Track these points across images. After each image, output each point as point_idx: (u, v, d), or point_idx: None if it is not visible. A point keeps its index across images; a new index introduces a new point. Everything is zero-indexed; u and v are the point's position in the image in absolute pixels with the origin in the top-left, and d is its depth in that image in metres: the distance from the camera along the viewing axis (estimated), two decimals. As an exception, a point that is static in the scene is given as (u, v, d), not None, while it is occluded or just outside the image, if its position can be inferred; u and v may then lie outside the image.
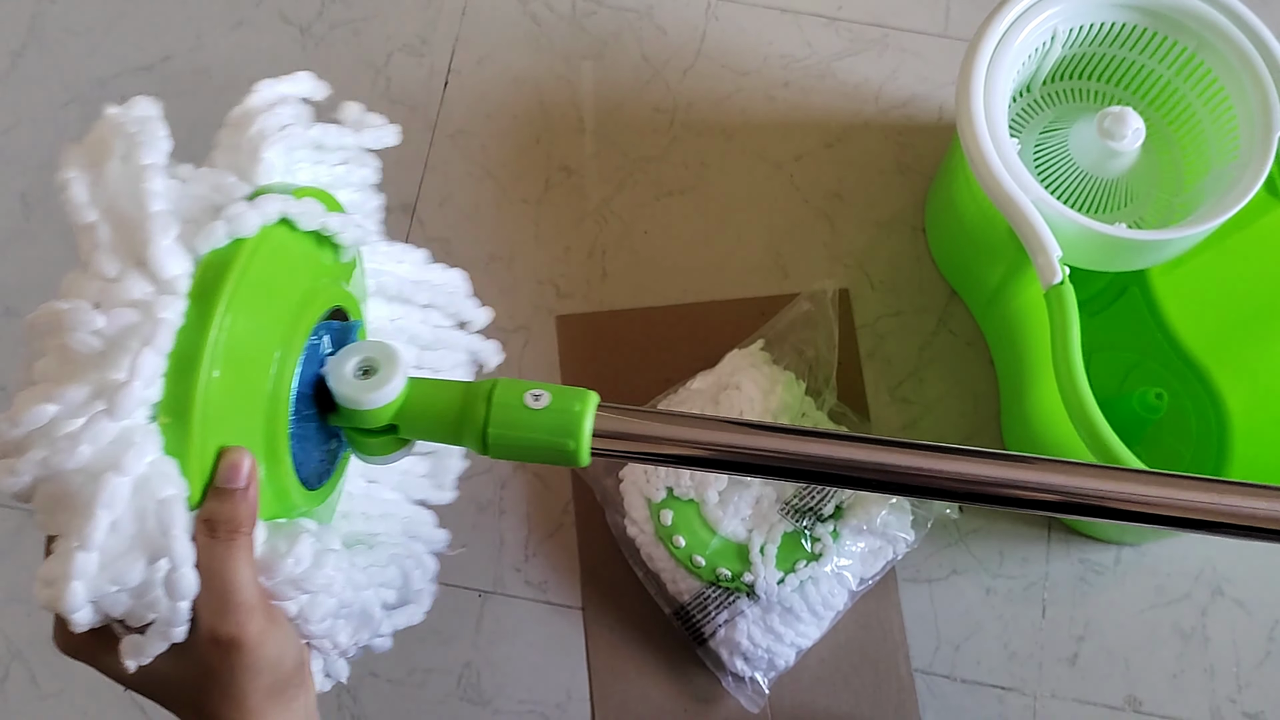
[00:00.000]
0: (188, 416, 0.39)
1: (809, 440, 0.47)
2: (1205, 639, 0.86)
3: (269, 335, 0.43)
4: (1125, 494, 0.43)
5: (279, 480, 0.44)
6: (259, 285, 0.42)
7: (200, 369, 0.39)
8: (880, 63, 1.00)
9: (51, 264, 0.92)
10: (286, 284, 0.44)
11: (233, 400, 0.41)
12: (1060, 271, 0.71)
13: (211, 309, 0.39)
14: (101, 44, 1.00)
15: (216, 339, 0.40)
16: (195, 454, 0.40)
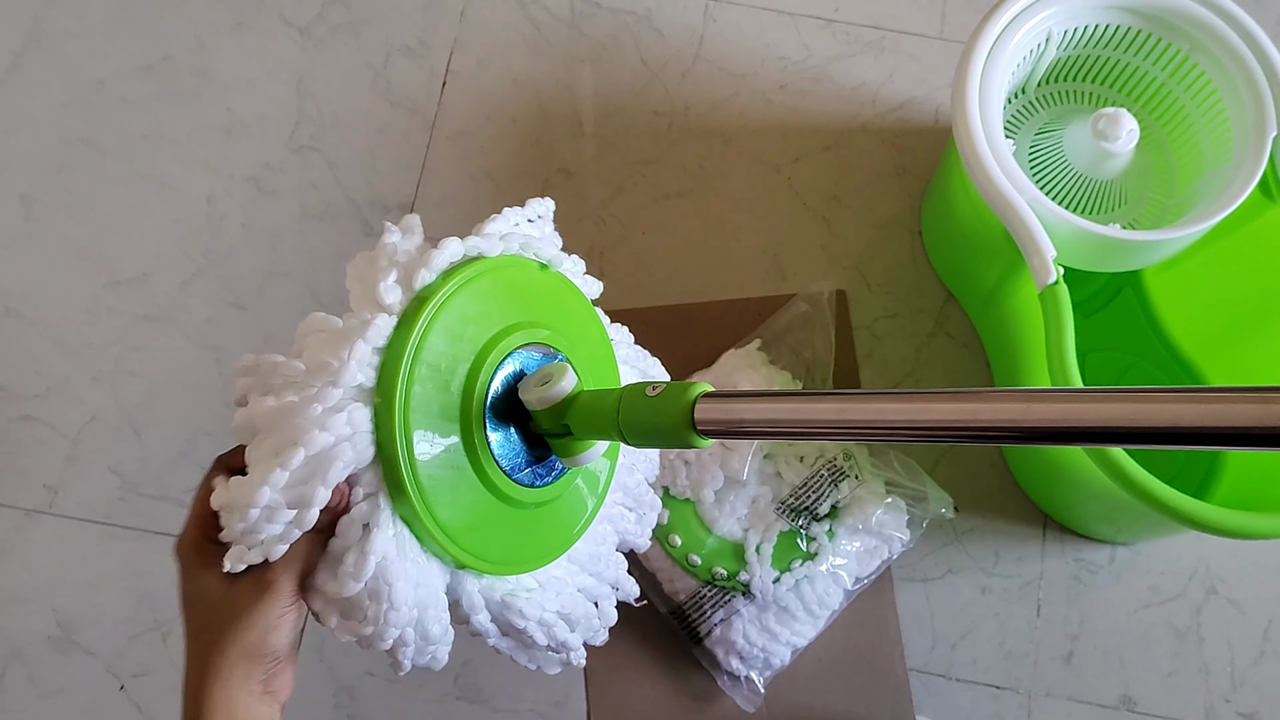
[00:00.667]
0: (390, 399, 0.50)
1: (886, 401, 0.45)
2: (1200, 638, 0.86)
3: (460, 351, 0.53)
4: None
5: (480, 466, 0.53)
6: (457, 314, 0.53)
7: (401, 365, 0.50)
8: (877, 65, 1.00)
9: (50, 264, 0.93)
10: (485, 317, 0.54)
11: (429, 396, 0.51)
12: (1055, 272, 0.71)
13: (413, 324, 0.51)
14: (102, 45, 1.00)
15: (415, 343, 0.51)
16: (393, 430, 0.50)
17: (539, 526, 0.57)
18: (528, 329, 0.55)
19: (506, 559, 0.54)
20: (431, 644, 0.52)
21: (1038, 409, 0.40)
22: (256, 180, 0.97)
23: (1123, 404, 0.38)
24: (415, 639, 0.51)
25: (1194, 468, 0.87)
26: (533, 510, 0.56)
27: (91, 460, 0.89)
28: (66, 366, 0.91)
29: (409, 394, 0.50)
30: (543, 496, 0.56)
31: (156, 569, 0.87)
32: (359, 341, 0.49)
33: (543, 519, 0.57)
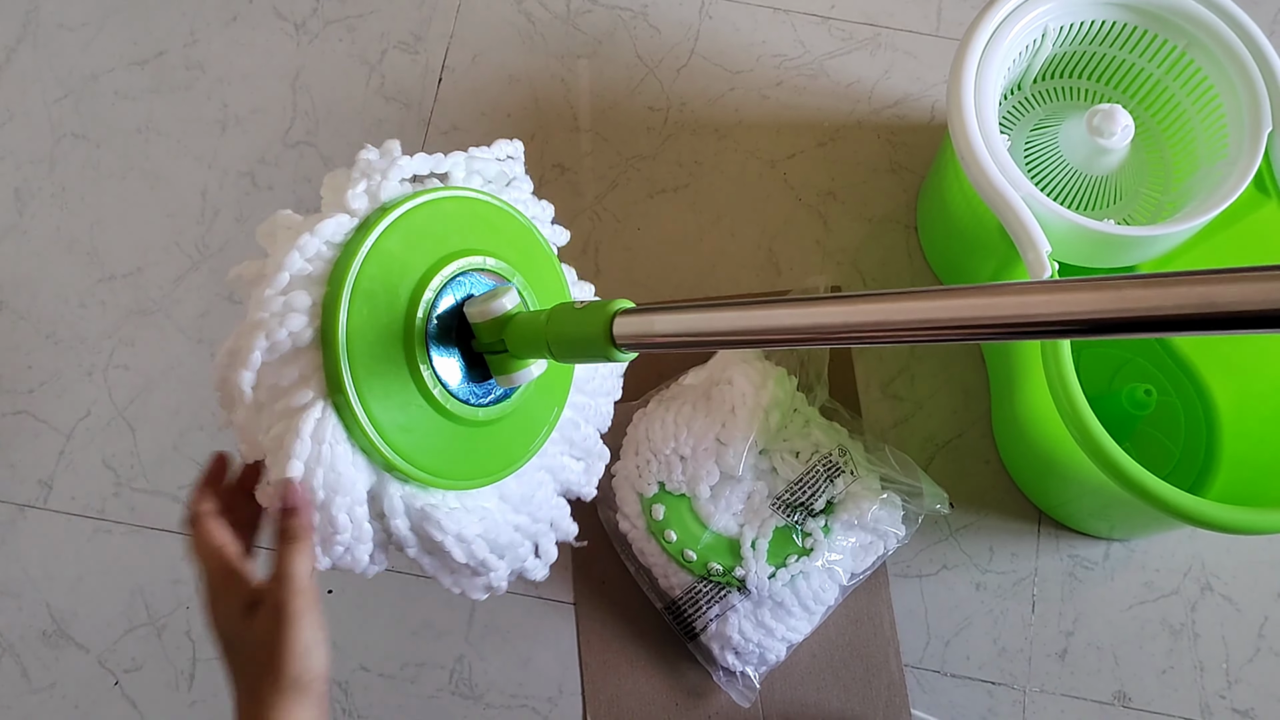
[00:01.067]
0: (338, 289, 0.52)
1: (796, 307, 0.45)
2: (1194, 635, 0.87)
3: (413, 260, 0.55)
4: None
5: (417, 372, 0.54)
6: (416, 227, 0.55)
7: (352, 262, 0.53)
8: (873, 62, 1.00)
9: (44, 258, 0.93)
10: (443, 237, 0.57)
11: (376, 296, 0.53)
12: (1050, 267, 0.71)
13: (371, 227, 0.54)
14: (95, 39, 1.00)
15: (370, 244, 0.54)
16: (335, 316, 0.52)
17: (472, 449, 0.58)
18: (482, 254, 0.58)
19: (434, 470, 0.56)
20: (340, 533, 0.53)
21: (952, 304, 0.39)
22: (251, 174, 0.96)
23: (1080, 293, 0.36)
24: (324, 525, 0.53)
25: (1189, 464, 0.87)
26: (468, 429, 0.57)
27: (85, 455, 0.89)
28: (60, 361, 0.91)
29: (355, 289, 0.53)
30: (478, 416, 0.57)
31: (150, 564, 0.87)
32: (306, 234, 0.53)
33: (477, 442, 0.58)
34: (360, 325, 0.53)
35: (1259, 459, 0.82)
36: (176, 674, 0.84)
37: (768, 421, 0.83)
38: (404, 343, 0.54)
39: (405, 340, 0.54)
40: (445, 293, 0.56)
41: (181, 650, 0.85)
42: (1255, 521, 0.67)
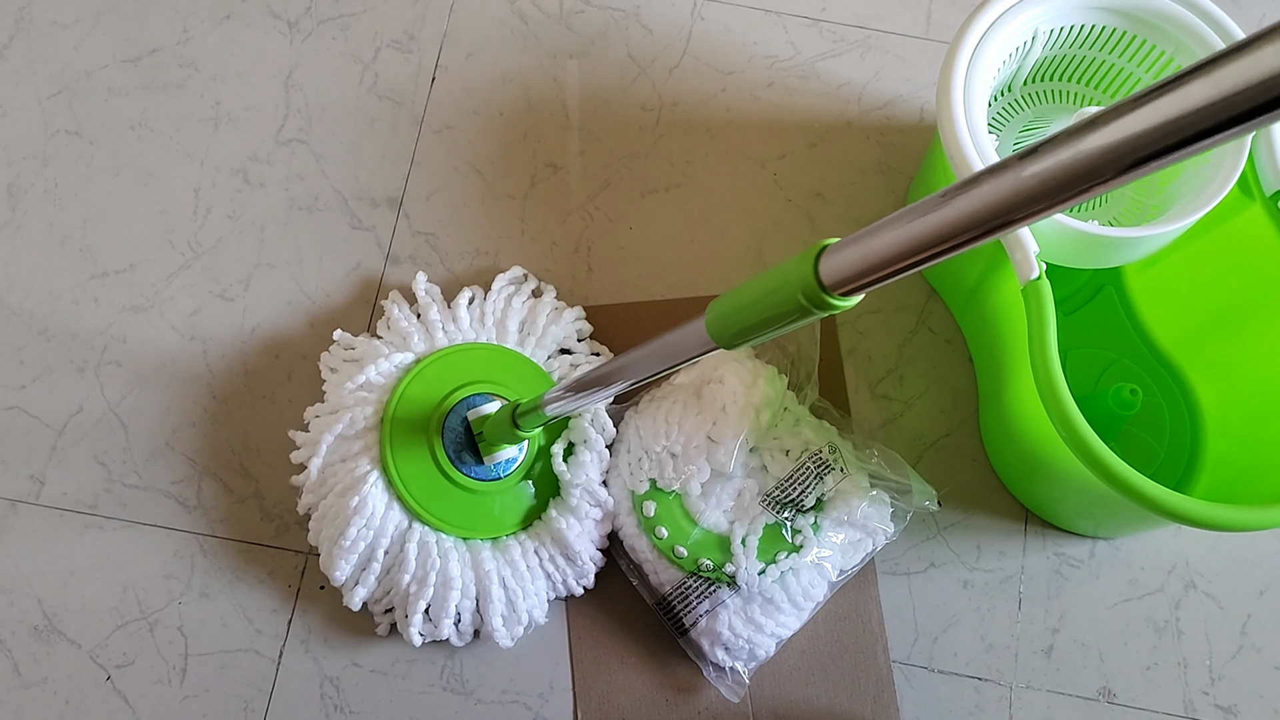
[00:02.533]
0: (386, 416, 0.83)
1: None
2: (1178, 632, 0.88)
3: (429, 397, 0.84)
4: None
5: (441, 467, 0.83)
6: (432, 374, 0.85)
7: (391, 401, 0.84)
8: (863, 64, 1.01)
9: (36, 255, 0.93)
10: (453, 378, 0.86)
11: (408, 421, 0.83)
12: (1037, 267, 0.72)
13: (400, 383, 0.85)
14: (89, 36, 1.00)
15: (401, 390, 0.84)
16: (386, 436, 0.83)
17: (471, 511, 0.83)
18: (484, 382, 0.86)
19: (441, 517, 0.82)
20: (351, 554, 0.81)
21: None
22: (244, 172, 0.97)
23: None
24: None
25: (1174, 463, 0.88)
26: (468, 494, 0.83)
27: (77, 451, 0.89)
28: (52, 357, 0.91)
29: (398, 405, 0.84)
30: (475, 486, 0.83)
31: (141, 560, 0.87)
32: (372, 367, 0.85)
33: (477, 507, 0.83)
34: (399, 425, 0.83)
35: (1242, 459, 0.83)
36: (168, 669, 0.85)
37: (758, 420, 0.83)
38: (426, 436, 0.83)
39: (427, 435, 0.83)
40: (457, 404, 0.84)
41: (173, 645, 0.85)
42: (1238, 519, 0.68)
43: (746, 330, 0.54)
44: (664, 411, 0.85)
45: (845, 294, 0.48)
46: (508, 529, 0.84)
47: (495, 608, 0.81)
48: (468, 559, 0.82)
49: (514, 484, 0.84)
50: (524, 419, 0.77)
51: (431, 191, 0.97)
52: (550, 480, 0.85)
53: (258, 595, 0.87)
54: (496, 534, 0.84)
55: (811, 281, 0.48)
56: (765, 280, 0.52)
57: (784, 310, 0.50)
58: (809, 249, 0.49)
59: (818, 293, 0.48)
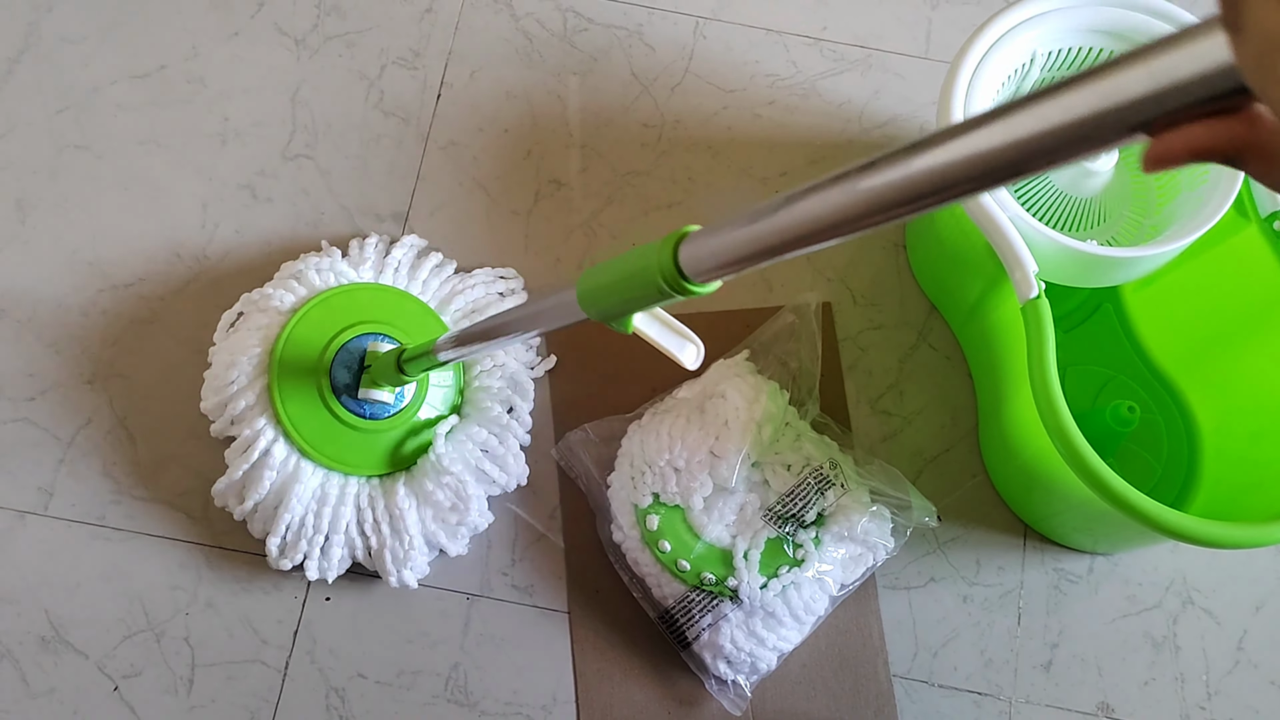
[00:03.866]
0: (275, 350, 0.86)
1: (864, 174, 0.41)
2: (1176, 647, 0.88)
3: (318, 334, 0.87)
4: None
5: (328, 405, 0.85)
6: (322, 314, 0.88)
7: (281, 336, 0.87)
8: (863, 83, 1.02)
9: (45, 268, 0.94)
10: (340, 316, 0.88)
11: (299, 354, 0.86)
12: (1036, 286, 0.73)
13: (290, 319, 0.87)
14: (97, 52, 1.01)
15: (290, 328, 0.87)
16: (275, 370, 0.86)
17: (365, 447, 0.86)
18: (375, 324, 0.88)
19: (332, 457, 0.85)
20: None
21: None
22: (251, 187, 0.98)
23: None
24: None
25: (1171, 480, 0.89)
26: (360, 433, 0.86)
27: (85, 463, 0.90)
28: (61, 369, 0.92)
29: (287, 342, 0.86)
30: (364, 425, 0.86)
31: (149, 570, 0.88)
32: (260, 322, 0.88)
33: (371, 444, 0.86)
34: (289, 363, 0.86)
35: (1239, 476, 0.84)
36: (175, 680, 0.85)
37: (760, 435, 0.84)
38: (315, 371, 0.86)
39: (317, 370, 0.86)
40: (352, 343, 0.86)
41: (180, 656, 0.86)
42: (1235, 536, 0.69)
43: (610, 308, 0.57)
44: (667, 426, 0.86)
45: (705, 281, 0.51)
46: (376, 470, 0.86)
47: (378, 542, 0.84)
48: (346, 493, 0.85)
49: (399, 427, 0.87)
50: (410, 364, 0.79)
51: (436, 207, 0.98)
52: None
53: (264, 606, 0.87)
54: (367, 472, 0.86)
55: (670, 267, 0.51)
56: (628, 261, 0.54)
57: (644, 292, 0.54)
58: (670, 235, 0.52)
59: (676, 278, 0.51)
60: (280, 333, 0.86)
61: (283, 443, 0.85)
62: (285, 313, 0.88)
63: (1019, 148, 0.35)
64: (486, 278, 0.94)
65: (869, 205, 0.41)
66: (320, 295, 0.88)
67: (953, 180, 0.38)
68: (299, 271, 0.89)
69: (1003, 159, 0.35)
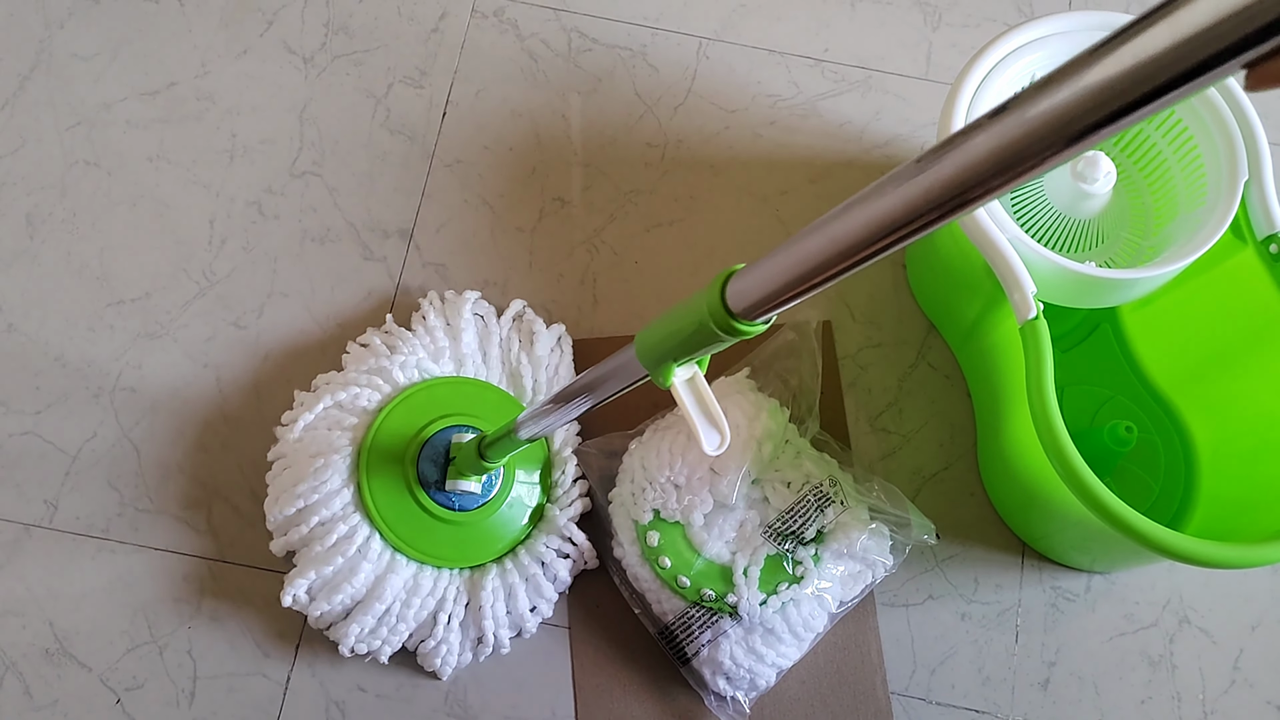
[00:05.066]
0: (363, 449, 0.87)
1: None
2: (1172, 666, 0.89)
3: (405, 430, 0.88)
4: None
5: (417, 499, 0.86)
6: (412, 406, 0.89)
7: (368, 436, 0.87)
8: (864, 104, 1.03)
9: (53, 283, 0.94)
10: (423, 411, 0.89)
11: (385, 451, 0.87)
12: (1035, 307, 0.74)
13: (375, 418, 0.88)
14: (108, 69, 1.02)
15: (379, 425, 0.88)
16: (363, 468, 0.86)
17: (457, 540, 0.86)
18: (459, 414, 0.89)
19: (425, 551, 0.85)
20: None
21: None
22: (258, 204, 0.99)
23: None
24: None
25: (1168, 500, 0.90)
26: (451, 526, 0.86)
27: (90, 475, 0.90)
28: (67, 383, 0.93)
29: (374, 440, 0.87)
30: (456, 518, 0.86)
31: (153, 583, 0.88)
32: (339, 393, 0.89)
33: (461, 536, 0.86)
34: (377, 455, 0.86)
35: (1235, 496, 0.85)
36: (178, 692, 0.86)
37: (760, 452, 0.85)
38: (402, 465, 0.86)
39: (404, 464, 0.86)
40: (433, 435, 0.87)
41: (183, 668, 0.86)
42: (1232, 556, 0.69)
43: (665, 355, 0.56)
44: (668, 443, 0.86)
45: (754, 318, 0.50)
46: (471, 561, 0.87)
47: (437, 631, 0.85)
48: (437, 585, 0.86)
49: (486, 518, 0.87)
50: (490, 449, 0.80)
51: (442, 223, 0.99)
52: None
53: (266, 619, 0.88)
54: (470, 563, 0.87)
55: (719, 307, 0.50)
56: (680, 312, 0.54)
57: (700, 338, 0.52)
58: (717, 276, 0.51)
59: (724, 318, 0.50)
60: (368, 432, 0.87)
61: (378, 539, 0.85)
62: (372, 412, 0.88)
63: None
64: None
65: (885, 225, 0.40)
66: (403, 393, 0.89)
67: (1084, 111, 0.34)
68: (383, 369, 0.89)
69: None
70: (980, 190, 0.37)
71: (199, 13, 1.05)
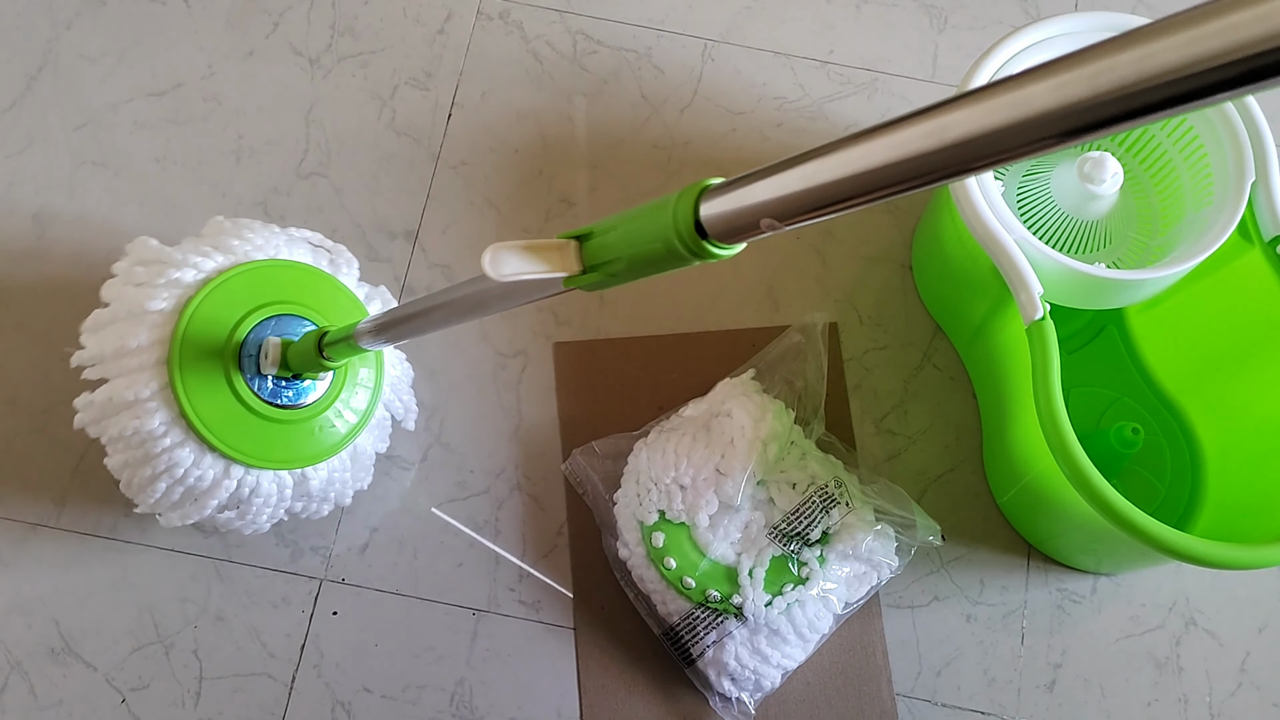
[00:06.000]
0: (174, 333, 0.77)
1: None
2: (1179, 669, 0.89)
3: (227, 314, 0.78)
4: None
5: (239, 394, 0.78)
6: (227, 293, 0.79)
7: (181, 319, 0.77)
8: (870, 106, 1.04)
9: (61, 281, 0.95)
10: (249, 296, 0.80)
11: (201, 340, 0.77)
12: (1042, 308, 0.74)
13: (194, 296, 0.78)
14: (115, 70, 1.03)
15: (193, 308, 0.77)
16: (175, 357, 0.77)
17: (284, 439, 0.80)
18: (287, 303, 0.81)
19: (245, 451, 0.79)
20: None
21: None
22: (264, 204, 0.99)
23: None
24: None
25: (1175, 502, 0.90)
26: (276, 424, 0.80)
27: (97, 475, 0.91)
28: (74, 383, 0.93)
29: (189, 324, 0.77)
30: (280, 415, 0.80)
31: (159, 583, 0.88)
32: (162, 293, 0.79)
33: (286, 434, 0.80)
34: (191, 349, 0.77)
35: (1241, 498, 0.85)
36: (183, 692, 0.86)
37: (766, 453, 0.85)
38: (222, 362, 0.78)
39: (223, 360, 0.78)
40: (260, 329, 0.79)
41: (189, 669, 0.86)
42: (1238, 557, 0.69)
43: (613, 274, 0.50)
44: (673, 444, 0.86)
45: (732, 242, 0.45)
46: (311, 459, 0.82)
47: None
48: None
49: (317, 415, 0.82)
50: (332, 348, 0.74)
51: (447, 225, 0.99)
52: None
53: (272, 619, 0.88)
54: (298, 464, 0.81)
55: (689, 225, 0.45)
56: (638, 213, 0.48)
57: (660, 258, 0.47)
58: (688, 188, 0.45)
59: (695, 238, 0.45)
60: (188, 304, 0.77)
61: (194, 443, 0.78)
62: (197, 284, 0.79)
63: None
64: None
65: (910, 167, 0.37)
66: (237, 268, 0.80)
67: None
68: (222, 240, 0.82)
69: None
70: (1024, 144, 0.34)
71: (205, 14, 1.05)
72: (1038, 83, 0.33)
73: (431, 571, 0.90)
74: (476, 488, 0.92)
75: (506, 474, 0.92)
